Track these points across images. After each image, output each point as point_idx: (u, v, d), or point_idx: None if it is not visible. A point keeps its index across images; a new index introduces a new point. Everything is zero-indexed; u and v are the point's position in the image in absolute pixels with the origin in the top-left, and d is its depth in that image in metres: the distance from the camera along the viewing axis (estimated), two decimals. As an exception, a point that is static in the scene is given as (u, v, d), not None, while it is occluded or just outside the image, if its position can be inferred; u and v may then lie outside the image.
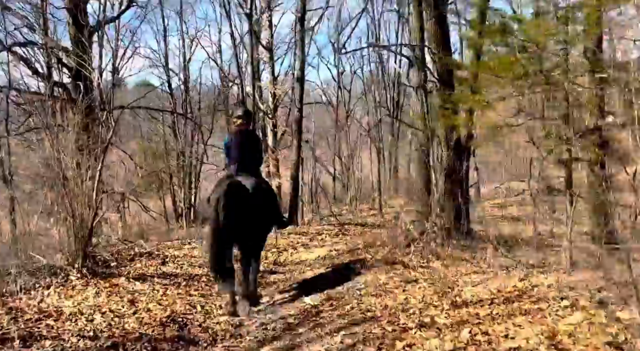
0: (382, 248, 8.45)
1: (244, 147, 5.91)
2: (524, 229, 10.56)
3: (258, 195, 5.59)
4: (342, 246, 10.08)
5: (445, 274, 5.92)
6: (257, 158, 6.19)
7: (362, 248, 8.84)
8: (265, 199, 5.82)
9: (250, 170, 5.85)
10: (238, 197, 5.35)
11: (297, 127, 13.10)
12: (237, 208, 5.30)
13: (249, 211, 5.41)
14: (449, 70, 8.31)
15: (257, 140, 6.59)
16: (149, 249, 9.08)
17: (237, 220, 5.32)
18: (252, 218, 5.51)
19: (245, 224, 5.45)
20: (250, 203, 5.45)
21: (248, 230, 5.57)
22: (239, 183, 5.49)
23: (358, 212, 18.21)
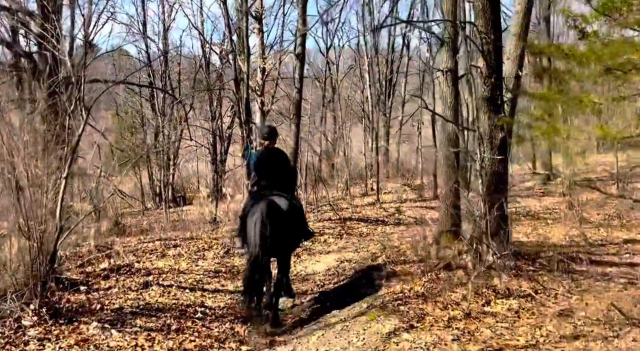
0: (408, 266, 6.98)
1: (272, 166, 6.04)
2: (551, 231, 9.30)
3: (291, 215, 5.71)
4: (352, 254, 8.59)
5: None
6: (286, 175, 6.22)
7: (383, 265, 7.36)
8: (297, 216, 5.94)
9: (281, 188, 5.92)
10: (275, 220, 5.46)
11: (295, 110, 11.44)
12: (274, 231, 5.42)
13: (283, 229, 5.55)
14: (498, 54, 6.75)
15: (284, 157, 6.44)
16: (127, 260, 7.44)
17: (273, 242, 5.46)
18: (285, 237, 5.67)
19: (279, 243, 5.59)
20: (285, 223, 5.58)
21: (281, 247, 5.74)
22: (275, 207, 5.56)
23: (352, 199, 16.73)
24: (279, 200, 5.65)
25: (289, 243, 5.95)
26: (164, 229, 11.91)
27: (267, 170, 6.03)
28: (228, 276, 7.16)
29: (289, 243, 5.96)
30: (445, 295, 5.25)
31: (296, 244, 6.44)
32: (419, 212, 13.41)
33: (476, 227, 6.65)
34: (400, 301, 5.23)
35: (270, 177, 5.98)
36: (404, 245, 8.54)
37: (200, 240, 9.55)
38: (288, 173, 6.33)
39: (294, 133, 11.36)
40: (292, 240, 6.04)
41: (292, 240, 6.02)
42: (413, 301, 5.17)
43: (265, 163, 6.07)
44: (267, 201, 5.57)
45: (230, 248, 8.67)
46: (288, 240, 5.82)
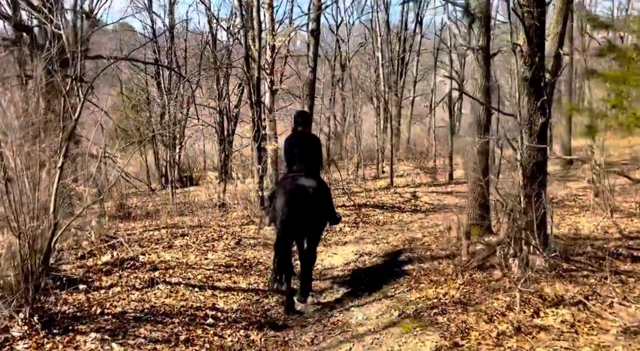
0: (436, 262, 6.37)
1: (303, 150, 6.08)
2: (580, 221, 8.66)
3: (317, 196, 5.76)
4: (370, 246, 7.99)
5: None
6: (316, 159, 6.26)
7: (408, 260, 6.75)
8: (323, 199, 5.95)
9: (310, 171, 5.99)
10: (301, 200, 5.60)
11: (309, 90, 10.75)
12: (300, 210, 5.55)
13: (309, 211, 5.66)
14: (541, 30, 6.04)
15: (316, 142, 6.39)
16: (131, 252, 6.85)
17: (299, 221, 5.59)
18: (311, 217, 5.76)
19: (306, 223, 5.71)
20: (311, 204, 5.67)
21: (308, 228, 5.85)
22: (302, 187, 5.70)
23: (364, 182, 16.09)
24: (307, 182, 5.77)
25: (315, 226, 6.03)
26: (170, 214, 11.33)
27: (299, 154, 6.09)
28: (240, 272, 6.57)
29: (316, 225, 6.04)
30: (487, 303, 4.63)
31: (322, 226, 6.36)
32: (435, 197, 12.80)
33: (513, 222, 6.02)
34: (436, 309, 4.62)
35: (301, 161, 6.04)
36: (427, 237, 7.93)
37: (209, 228, 8.96)
38: (319, 157, 6.37)
39: (308, 115, 10.66)
40: (319, 223, 6.10)
41: (319, 222, 6.09)
42: (451, 310, 4.56)
43: (296, 148, 6.13)
44: (294, 184, 5.75)
45: (241, 240, 8.08)
46: (314, 222, 5.92)
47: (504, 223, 6.32)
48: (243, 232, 8.65)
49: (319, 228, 6.24)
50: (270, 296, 5.85)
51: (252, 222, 9.41)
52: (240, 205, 10.79)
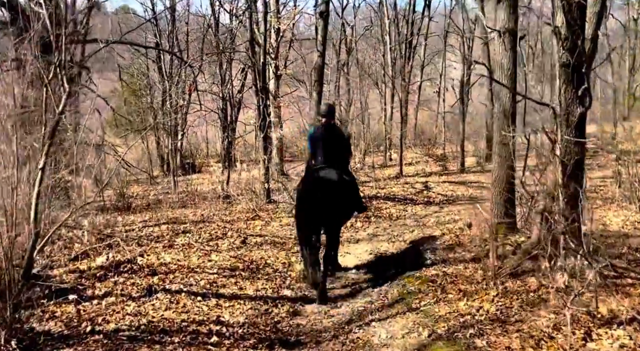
0: (461, 267, 5.78)
1: (328, 141, 6.16)
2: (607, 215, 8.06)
3: (341, 187, 5.85)
4: (385, 245, 7.42)
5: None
6: (341, 150, 6.33)
7: (430, 263, 6.16)
8: (348, 189, 6.05)
9: (334, 162, 6.07)
10: (322, 190, 5.67)
11: (317, 75, 10.09)
12: (321, 200, 5.59)
13: (332, 201, 5.68)
14: (582, 11, 5.39)
15: (340, 134, 6.52)
16: (129, 253, 6.28)
17: (321, 210, 5.60)
18: (335, 207, 5.75)
19: (329, 212, 5.69)
20: (334, 194, 5.71)
21: (331, 217, 5.81)
22: (323, 178, 5.80)
23: (372, 171, 15.49)
24: (330, 173, 5.86)
25: (338, 217, 6.06)
26: (171, 206, 10.76)
27: (323, 146, 6.17)
28: (246, 275, 5.99)
29: (339, 216, 6.06)
30: (530, 322, 4.04)
31: (348, 214, 6.53)
32: (448, 188, 12.19)
33: (546, 221, 5.42)
34: (472, 329, 4.02)
35: (326, 153, 6.12)
36: (447, 235, 7.33)
37: (213, 224, 8.37)
38: (344, 148, 6.43)
39: (316, 102, 10.04)
40: (342, 213, 6.16)
41: (342, 213, 6.13)
42: (489, 331, 3.97)
43: (321, 140, 6.22)
44: (318, 176, 5.88)
45: (246, 238, 7.49)
46: (337, 213, 5.93)
47: (536, 223, 5.72)
48: (249, 229, 8.06)
49: (343, 218, 6.37)
50: (280, 306, 5.28)
51: (258, 216, 8.82)
52: (245, 197, 10.22)
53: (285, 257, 6.84)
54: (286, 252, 7.03)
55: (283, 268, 6.47)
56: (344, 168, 6.25)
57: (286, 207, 9.67)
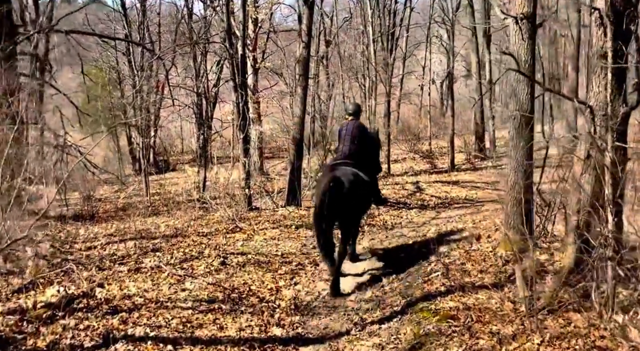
0: (482, 295, 4.83)
1: (350, 138, 6.32)
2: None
3: (357, 184, 5.84)
4: (386, 262, 6.43)
5: None
6: (365, 148, 6.40)
7: (443, 292, 5.19)
8: (365, 185, 6.06)
9: (355, 158, 6.15)
10: (336, 189, 5.60)
11: (302, 69, 9.02)
12: (337, 198, 5.57)
13: (344, 200, 5.65)
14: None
15: (364, 132, 6.58)
16: (86, 285, 5.19)
17: (336, 207, 5.59)
18: (351, 203, 5.78)
19: (345, 208, 5.71)
20: (347, 193, 5.67)
21: (348, 212, 5.83)
22: (339, 177, 5.71)
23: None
24: (346, 171, 5.87)
25: (355, 209, 6.04)
26: (142, 214, 9.64)
27: (347, 142, 6.34)
28: (227, 309, 4.95)
29: (352, 212, 6.00)
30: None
31: (364, 209, 6.67)
32: (441, 189, 11.29)
33: (579, 238, 4.51)
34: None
35: (349, 149, 6.28)
36: (455, 251, 6.38)
37: (187, 238, 7.30)
38: (367, 146, 6.49)
39: (301, 99, 9.00)
40: (359, 206, 6.17)
41: (359, 206, 6.15)
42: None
43: (345, 136, 6.39)
44: (333, 173, 5.86)
45: (227, 258, 6.43)
46: (351, 209, 5.89)
47: (572, 243, 4.80)
48: (229, 244, 7.00)
49: (361, 212, 6.46)
50: (270, 352, 4.26)
51: (239, 228, 7.76)
52: (224, 204, 9.15)
53: (272, 280, 5.82)
54: (273, 274, 6.01)
55: (270, 295, 5.45)
56: (365, 165, 6.25)
57: (269, 215, 8.63)
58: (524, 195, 6.00)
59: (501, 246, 6.15)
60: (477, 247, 6.41)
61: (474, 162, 14.56)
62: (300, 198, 9.27)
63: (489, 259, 5.88)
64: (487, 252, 6.13)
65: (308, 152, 13.12)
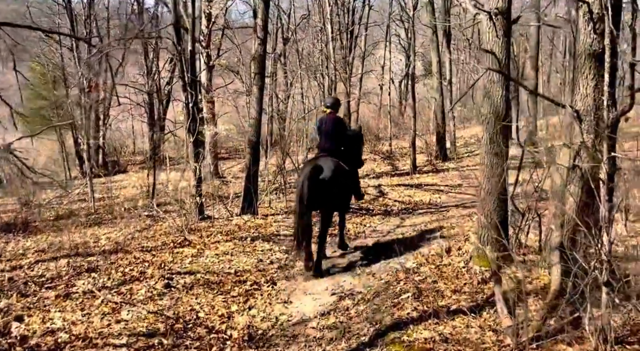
0: (459, 322, 4.28)
1: (329, 133, 6.46)
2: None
3: (337, 174, 6.02)
4: (351, 280, 5.87)
5: None
6: (344, 141, 6.55)
7: (415, 317, 4.61)
8: (344, 177, 6.21)
9: (333, 151, 6.34)
10: (315, 181, 5.86)
11: (258, 67, 8.32)
12: (316, 188, 5.85)
13: (328, 185, 5.92)
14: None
15: (342, 126, 6.71)
16: (1, 318, 4.38)
17: (317, 193, 5.85)
18: (332, 190, 5.99)
19: (325, 194, 5.93)
20: (330, 181, 5.93)
21: (328, 199, 6.02)
22: (318, 169, 5.95)
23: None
24: (326, 161, 6.08)
25: (331, 199, 6.12)
26: (83, 225, 8.75)
27: (326, 136, 6.46)
28: (169, 345, 4.23)
29: (333, 199, 6.13)
30: None
31: (346, 199, 6.71)
32: (404, 193, 10.78)
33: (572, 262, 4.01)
34: None
35: (327, 142, 6.43)
36: (424, 267, 5.82)
37: (129, 254, 6.51)
38: (345, 139, 6.60)
39: (257, 99, 8.29)
40: (339, 197, 6.29)
41: (339, 196, 6.27)
42: None
43: (325, 130, 6.47)
44: (315, 162, 6.14)
45: (172, 279, 5.68)
46: (331, 196, 6.04)
47: (556, 263, 4.28)
48: (175, 262, 6.24)
49: (342, 202, 6.54)
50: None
51: (188, 242, 7.00)
52: (173, 212, 8.37)
53: (223, 305, 5.13)
54: (224, 297, 5.31)
55: (221, 323, 4.76)
56: (345, 158, 6.42)
57: (222, 225, 7.90)
58: (498, 206, 5.52)
59: (475, 261, 5.64)
60: (448, 261, 5.88)
61: (436, 163, 14.14)
62: (257, 206, 8.56)
63: (462, 276, 5.35)
64: (460, 267, 5.60)
65: (265, 154, 12.43)
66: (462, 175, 12.62)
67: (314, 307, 5.19)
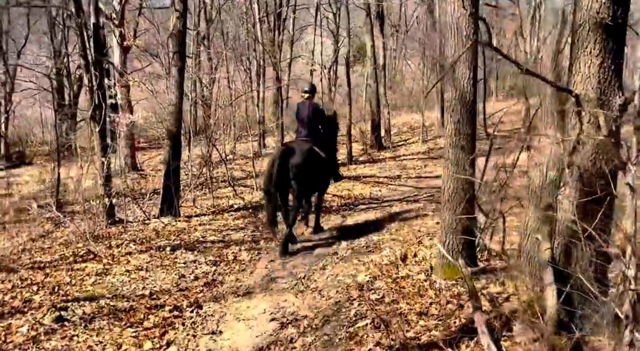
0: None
1: (308, 118, 6.48)
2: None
3: (308, 159, 6.05)
4: (293, 300, 4.84)
5: None
6: (319, 126, 6.58)
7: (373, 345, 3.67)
8: (316, 161, 6.22)
9: (310, 136, 6.38)
10: (289, 156, 5.95)
11: (177, 44, 7.05)
12: (283, 171, 5.89)
13: (299, 167, 5.96)
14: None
15: (319, 111, 6.76)
16: None
17: (285, 175, 5.91)
18: (302, 173, 6.00)
19: (296, 176, 5.97)
20: (299, 166, 5.96)
21: (298, 185, 6.06)
22: (292, 151, 6.03)
23: (245, 162, 12.86)
24: (300, 144, 6.16)
25: (312, 181, 6.27)
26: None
27: (304, 121, 6.49)
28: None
29: (313, 181, 6.27)
30: None
31: (324, 181, 6.76)
32: (343, 186, 9.87)
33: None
34: None
35: (306, 127, 6.46)
36: (380, 280, 4.89)
37: (15, 275, 5.16)
38: (323, 124, 6.63)
39: (176, 82, 7.06)
40: (316, 179, 6.36)
41: (315, 179, 6.34)
42: None
43: (303, 116, 6.52)
44: (285, 148, 6.19)
45: (66, 308, 4.42)
46: (300, 182, 6.05)
47: (549, 284, 3.46)
48: (74, 284, 4.96)
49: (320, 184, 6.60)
50: None
51: (93, 255, 5.71)
52: (79, 212, 7.01)
53: (133, 342, 3.97)
54: (135, 330, 4.15)
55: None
56: (323, 142, 6.46)
57: (137, 231, 6.64)
58: (465, 208, 4.67)
59: (437, 272, 4.78)
60: (406, 272, 4.99)
61: (372, 153, 13.35)
62: (179, 206, 7.35)
63: (426, 292, 4.46)
64: (421, 280, 4.72)
65: (189, 144, 11.11)
66: (400, 166, 11.89)
67: (250, 339, 4.13)
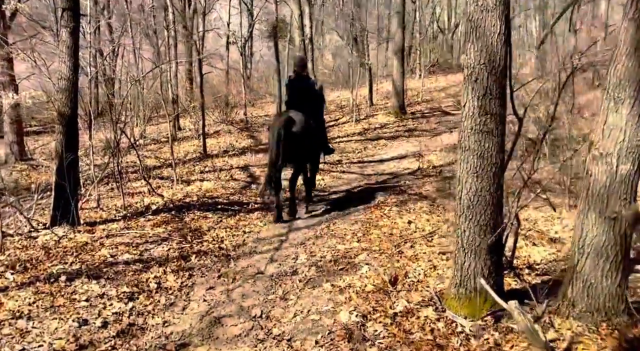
0: None
1: (296, 89, 6.54)
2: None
3: (306, 128, 6.07)
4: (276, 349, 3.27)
5: None
6: (308, 98, 6.53)
7: None
8: (312, 131, 6.26)
9: (300, 107, 6.29)
10: (290, 129, 5.92)
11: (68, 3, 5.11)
12: (289, 138, 5.88)
13: (298, 140, 5.98)
14: None
15: (308, 83, 6.75)
16: None
17: (289, 147, 5.90)
18: (301, 146, 6.05)
19: (296, 149, 6.00)
20: (300, 134, 5.98)
21: (299, 154, 6.13)
22: (291, 119, 6.01)
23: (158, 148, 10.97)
24: (296, 116, 6.06)
25: (306, 152, 6.25)
26: None
27: (295, 93, 6.53)
28: None
29: (306, 152, 6.26)
30: None
31: (315, 154, 6.74)
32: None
33: None
34: None
35: (296, 99, 6.48)
36: (377, 322, 3.46)
37: None
38: (312, 96, 6.61)
39: (68, 48, 5.15)
40: (309, 150, 6.35)
41: (309, 150, 6.33)
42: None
43: (293, 88, 6.56)
44: (285, 116, 6.12)
45: None
46: (304, 149, 6.13)
47: None
48: None
49: (312, 156, 6.61)
50: None
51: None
52: None
53: None
54: None
55: None
56: (312, 114, 6.38)
57: (17, 249, 4.76)
58: (491, 217, 3.34)
59: (451, 305, 3.43)
60: (404, 304, 3.60)
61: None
62: (78, 211, 5.49)
63: (448, 342, 3.09)
64: (432, 320, 3.36)
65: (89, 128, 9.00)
66: (338, 149, 10.51)
67: None
